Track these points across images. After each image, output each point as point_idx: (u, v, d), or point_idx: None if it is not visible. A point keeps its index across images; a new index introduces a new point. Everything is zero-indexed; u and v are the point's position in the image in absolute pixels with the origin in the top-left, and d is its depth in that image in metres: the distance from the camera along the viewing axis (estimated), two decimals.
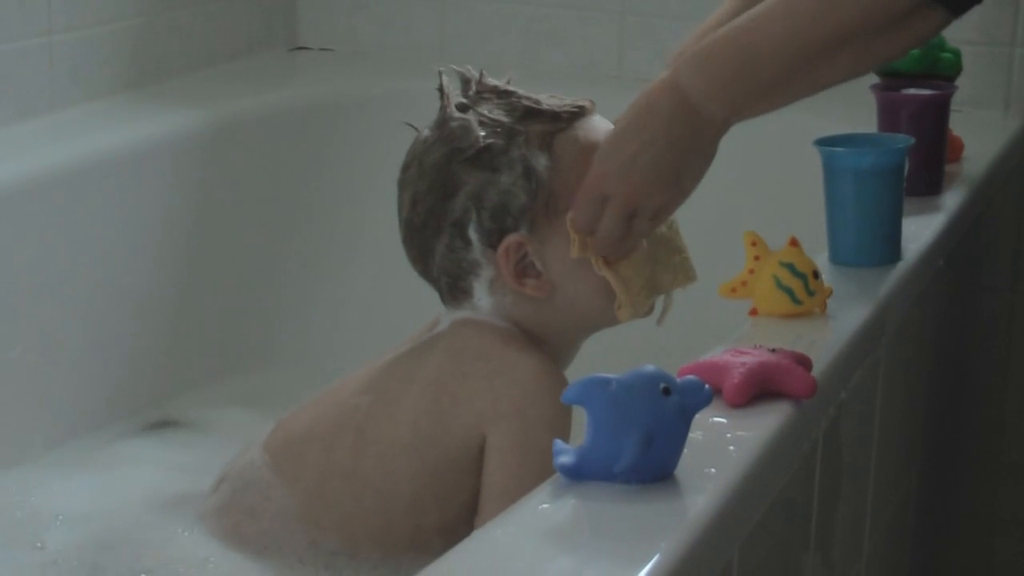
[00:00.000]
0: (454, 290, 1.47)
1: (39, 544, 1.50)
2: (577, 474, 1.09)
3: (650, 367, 1.10)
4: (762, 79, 1.34)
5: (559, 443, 1.10)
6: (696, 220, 2.03)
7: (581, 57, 2.31)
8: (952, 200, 1.79)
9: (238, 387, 1.96)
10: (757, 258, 1.40)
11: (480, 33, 2.35)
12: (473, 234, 1.43)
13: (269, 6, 2.41)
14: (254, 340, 2.10)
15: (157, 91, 2.16)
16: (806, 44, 1.32)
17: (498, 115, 1.45)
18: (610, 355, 1.38)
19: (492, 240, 1.43)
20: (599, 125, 1.47)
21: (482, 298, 1.46)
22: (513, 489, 1.39)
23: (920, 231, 1.68)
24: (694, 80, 1.35)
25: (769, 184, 1.99)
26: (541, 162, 1.43)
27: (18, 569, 1.46)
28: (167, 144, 2.03)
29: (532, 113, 1.45)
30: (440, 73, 1.47)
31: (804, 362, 1.26)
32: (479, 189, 1.43)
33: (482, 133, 1.44)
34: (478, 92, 1.47)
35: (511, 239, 1.43)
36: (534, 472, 1.39)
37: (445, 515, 1.44)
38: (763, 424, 1.19)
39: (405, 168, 1.47)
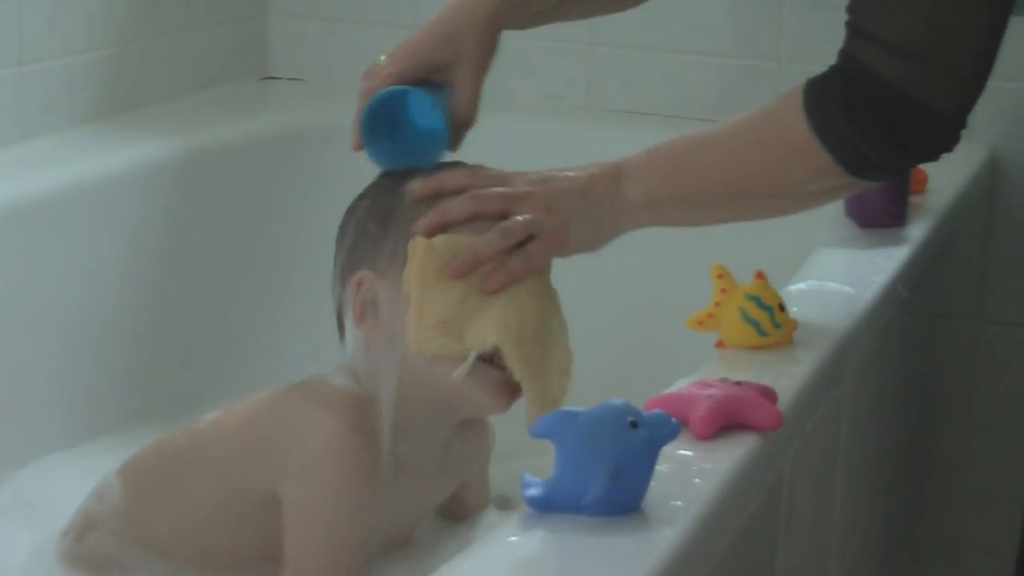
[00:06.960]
0: (339, 326, 1.43)
1: None
2: (545, 506, 1.10)
3: (617, 400, 1.12)
4: (684, 190, 1.39)
5: (527, 476, 1.11)
6: (665, 252, 2.05)
7: (550, 88, 2.33)
8: (916, 232, 1.81)
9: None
10: (724, 291, 1.42)
11: None
12: (346, 260, 1.41)
13: (240, 36, 2.42)
14: (223, 372, 2.10)
15: (128, 120, 2.16)
16: (725, 186, 1.38)
17: None
18: (577, 389, 1.39)
19: (348, 276, 1.41)
20: None
21: (349, 335, 1.41)
22: (297, 557, 1.34)
23: (884, 262, 1.69)
24: (634, 160, 1.39)
25: None
26: (403, 204, 1.39)
27: None
28: (138, 174, 2.03)
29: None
30: None
31: (769, 395, 1.27)
32: (362, 217, 1.41)
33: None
34: None
35: (362, 274, 1.39)
36: (320, 539, 1.34)
37: (234, 561, 1.41)
38: (729, 456, 1.20)
39: None
